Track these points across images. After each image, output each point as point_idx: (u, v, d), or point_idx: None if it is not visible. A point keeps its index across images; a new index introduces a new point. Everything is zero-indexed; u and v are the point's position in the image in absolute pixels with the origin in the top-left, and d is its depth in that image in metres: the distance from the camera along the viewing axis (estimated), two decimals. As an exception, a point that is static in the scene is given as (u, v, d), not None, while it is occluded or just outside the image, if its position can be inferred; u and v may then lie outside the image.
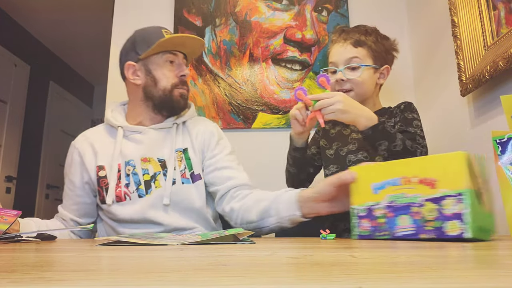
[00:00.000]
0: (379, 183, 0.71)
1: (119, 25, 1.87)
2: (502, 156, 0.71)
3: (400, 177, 0.69)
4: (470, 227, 0.59)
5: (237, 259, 0.40)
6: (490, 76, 1.08)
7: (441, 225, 0.62)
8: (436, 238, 0.62)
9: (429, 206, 0.64)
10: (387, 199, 0.70)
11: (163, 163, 1.05)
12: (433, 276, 0.28)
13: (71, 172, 1.10)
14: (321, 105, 0.95)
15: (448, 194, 0.62)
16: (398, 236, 0.67)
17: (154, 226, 1.02)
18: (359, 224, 0.74)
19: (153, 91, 1.07)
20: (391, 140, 0.96)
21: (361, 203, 0.74)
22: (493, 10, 1.12)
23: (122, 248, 0.55)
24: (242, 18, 1.79)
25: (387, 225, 0.69)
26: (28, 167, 3.57)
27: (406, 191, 0.68)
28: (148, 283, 0.26)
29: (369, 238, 0.72)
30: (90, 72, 4.48)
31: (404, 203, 0.67)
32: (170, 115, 1.11)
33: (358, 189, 0.76)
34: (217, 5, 1.81)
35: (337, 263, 0.35)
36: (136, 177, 1.03)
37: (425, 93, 1.63)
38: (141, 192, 1.02)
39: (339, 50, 1.14)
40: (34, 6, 3.26)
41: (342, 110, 0.94)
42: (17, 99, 3.44)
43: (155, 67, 1.07)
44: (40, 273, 0.30)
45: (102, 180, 1.04)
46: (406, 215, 0.67)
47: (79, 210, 1.08)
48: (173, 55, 1.08)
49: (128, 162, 1.04)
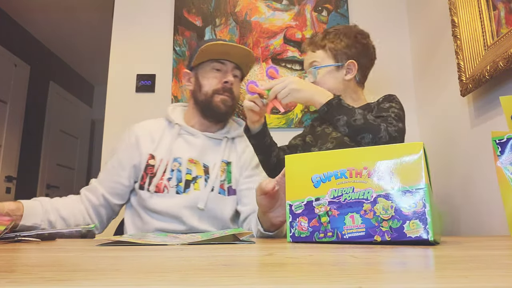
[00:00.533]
0: (321, 174, 0.61)
1: (119, 25, 1.87)
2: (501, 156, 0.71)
3: (346, 169, 0.59)
4: (430, 228, 0.52)
5: (237, 259, 0.40)
6: (490, 76, 1.08)
7: (398, 225, 0.54)
8: (393, 240, 0.54)
9: (384, 203, 0.55)
10: (331, 194, 0.60)
11: (206, 169, 1.12)
12: (433, 276, 0.28)
13: (122, 151, 1.13)
14: (275, 91, 0.97)
15: (406, 189, 0.55)
16: (345, 239, 0.57)
17: (181, 224, 1.06)
18: (296, 224, 0.62)
19: (198, 96, 1.14)
20: (350, 115, 0.96)
21: (298, 198, 0.63)
22: (493, 10, 1.12)
23: (122, 248, 0.55)
24: (242, 18, 1.79)
25: (331, 225, 0.59)
26: (28, 167, 3.57)
27: (355, 185, 0.58)
28: (148, 283, 0.26)
29: (307, 241, 0.61)
30: (90, 72, 4.48)
31: (353, 199, 0.58)
32: (216, 121, 1.17)
33: (295, 182, 0.64)
34: (217, 5, 1.81)
35: (337, 263, 0.35)
36: (180, 174, 1.09)
37: (425, 93, 1.63)
38: (179, 189, 1.08)
39: (305, 58, 1.23)
40: (34, 6, 3.26)
41: (295, 89, 0.97)
42: (17, 99, 3.44)
43: (203, 74, 1.15)
44: (40, 273, 0.30)
45: (149, 167, 1.10)
46: (355, 213, 0.57)
47: (114, 189, 1.11)
48: (220, 63, 1.14)
49: (176, 159, 1.10)
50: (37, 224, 0.99)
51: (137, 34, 1.85)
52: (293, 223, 0.63)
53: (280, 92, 0.97)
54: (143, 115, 1.78)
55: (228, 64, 1.14)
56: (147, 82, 1.79)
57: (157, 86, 1.79)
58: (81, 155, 4.44)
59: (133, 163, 1.11)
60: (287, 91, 0.96)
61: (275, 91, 0.97)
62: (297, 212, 0.63)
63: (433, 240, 0.52)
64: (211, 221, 1.08)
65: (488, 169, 1.12)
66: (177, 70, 1.76)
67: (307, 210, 0.62)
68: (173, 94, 1.75)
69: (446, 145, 1.42)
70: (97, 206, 1.10)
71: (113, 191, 1.11)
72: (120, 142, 1.16)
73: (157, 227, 1.07)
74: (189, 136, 1.14)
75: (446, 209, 1.36)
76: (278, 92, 0.97)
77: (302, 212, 0.62)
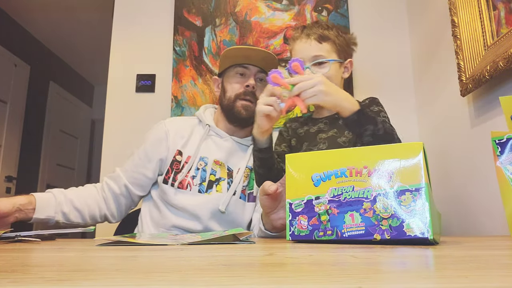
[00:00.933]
0: (321, 173, 0.62)
1: (119, 25, 1.87)
2: (501, 156, 0.71)
3: (346, 168, 0.60)
4: (430, 227, 0.52)
5: (237, 259, 0.40)
6: (490, 76, 1.08)
7: (398, 224, 0.54)
8: (392, 239, 0.54)
9: (384, 202, 0.56)
10: (331, 193, 0.60)
11: (230, 172, 1.12)
12: (433, 276, 0.28)
13: (151, 143, 1.14)
14: (301, 88, 0.84)
15: (406, 188, 0.55)
16: (345, 237, 0.58)
17: (198, 224, 1.07)
18: (295, 222, 0.62)
19: (223, 101, 1.16)
20: (375, 124, 0.89)
21: (298, 197, 0.63)
22: (493, 10, 1.12)
23: (122, 248, 0.55)
24: (242, 18, 1.79)
25: (331, 224, 0.59)
26: (28, 167, 3.57)
27: (354, 184, 0.58)
28: (148, 283, 0.26)
29: (306, 239, 0.61)
30: (90, 72, 4.48)
31: (353, 197, 0.58)
32: (240, 126, 1.16)
33: (296, 181, 0.64)
34: (217, 5, 1.81)
35: (337, 263, 0.35)
36: (204, 173, 1.10)
37: (425, 93, 1.63)
38: (201, 188, 1.09)
39: (304, 47, 1.07)
40: (34, 6, 3.26)
41: (324, 91, 0.84)
42: (17, 99, 3.44)
43: (227, 80, 1.16)
44: (40, 273, 0.30)
45: (176, 163, 1.11)
46: (355, 212, 0.57)
47: (137, 180, 1.12)
48: (243, 68, 1.14)
49: (202, 158, 1.12)
50: (50, 216, 1.00)
51: (137, 34, 1.85)
52: (292, 222, 0.63)
53: (306, 91, 0.84)
54: (143, 115, 1.79)
55: (251, 68, 1.14)
56: (147, 82, 1.79)
57: (157, 86, 1.79)
58: (81, 155, 4.44)
59: (160, 157, 1.12)
60: (315, 92, 0.84)
61: (301, 87, 0.84)
62: (297, 211, 0.63)
63: (432, 239, 0.52)
64: (229, 225, 1.09)
65: (488, 169, 1.12)
66: (177, 70, 1.76)
67: (307, 208, 0.62)
68: (173, 94, 1.75)
69: (446, 145, 1.42)
70: (118, 195, 1.12)
71: (136, 181, 1.12)
72: (149, 134, 1.17)
73: (174, 223, 1.07)
74: (217, 137, 1.15)
75: (446, 209, 1.36)
76: (305, 90, 0.84)
77: (302, 210, 0.62)
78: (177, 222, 1.07)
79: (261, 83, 1.15)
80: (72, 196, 1.06)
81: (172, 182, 1.09)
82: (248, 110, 1.12)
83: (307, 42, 1.07)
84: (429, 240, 0.52)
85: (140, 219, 1.15)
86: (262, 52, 1.12)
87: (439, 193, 1.41)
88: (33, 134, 3.70)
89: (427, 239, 0.52)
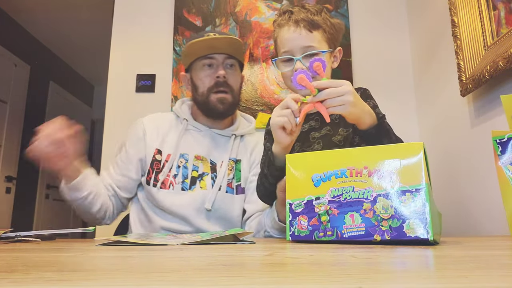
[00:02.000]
0: (321, 174, 0.61)
1: (119, 25, 1.87)
2: (502, 156, 0.71)
3: (347, 168, 0.60)
4: (430, 228, 0.52)
5: (237, 259, 0.40)
6: (490, 76, 1.08)
7: (398, 225, 0.54)
8: (392, 240, 0.54)
9: (384, 202, 0.56)
10: (331, 193, 0.60)
11: (214, 166, 1.09)
12: (433, 276, 0.28)
13: (129, 143, 1.12)
14: (329, 94, 0.74)
15: (406, 189, 0.55)
16: (345, 238, 0.58)
17: (187, 226, 1.05)
18: (295, 222, 0.62)
19: (196, 97, 1.11)
20: (389, 137, 0.84)
21: (298, 197, 0.63)
22: (493, 10, 1.12)
23: (122, 248, 0.55)
24: (242, 18, 1.79)
25: (331, 224, 0.59)
26: (28, 167, 3.57)
27: (355, 184, 0.58)
28: (148, 283, 0.26)
29: (306, 239, 0.61)
30: (90, 72, 4.48)
31: (353, 198, 0.58)
32: (219, 119, 1.13)
33: (296, 181, 0.64)
34: (217, 5, 1.81)
35: (337, 263, 0.35)
36: (186, 170, 1.07)
37: (425, 93, 1.63)
38: (185, 186, 1.06)
39: (293, 36, 0.95)
40: (34, 6, 3.26)
41: (352, 102, 0.74)
42: (17, 99, 3.44)
43: (196, 75, 1.10)
44: (40, 273, 0.30)
45: (156, 162, 1.08)
46: (355, 213, 0.57)
47: (122, 182, 1.10)
48: (209, 59, 1.08)
49: (182, 155, 1.08)
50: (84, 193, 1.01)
51: (137, 34, 1.85)
52: (293, 222, 0.63)
53: (334, 99, 0.74)
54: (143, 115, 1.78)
55: (218, 58, 1.08)
56: (147, 82, 1.79)
57: (157, 86, 1.79)
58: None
59: (139, 156, 1.09)
60: (343, 101, 0.74)
61: (329, 94, 0.74)
62: (297, 211, 0.62)
63: (432, 239, 0.52)
64: (219, 222, 1.06)
65: (488, 169, 1.12)
66: (177, 70, 1.76)
67: (307, 209, 0.62)
68: (173, 94, 1.75)
69: (446, 145, 1.42)
70: (109, 195, 1.10)
71: (122, 184, 1.10)
72: (128, 134, 1.15)
73: (162, 225, 1.05)
74: (196, 132, 1.12)
75: (446, 209, 1.36)
76: (332, 98, 0.74)
77: (302, 211, 0.62)
78: (165, 224, 1.05)
79: (232, 69, 1.10)
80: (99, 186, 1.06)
81: (154, 182, 1.06)
82: (225, 103, 1.07)
83: (296, 31, 0.95)
84: (429, 241, 0.52)
85: (129, 224, 1.13)
86: (226, 39, 1.07)
87: (439, 193, 1.41)
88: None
89: (427, 240, 0.52)
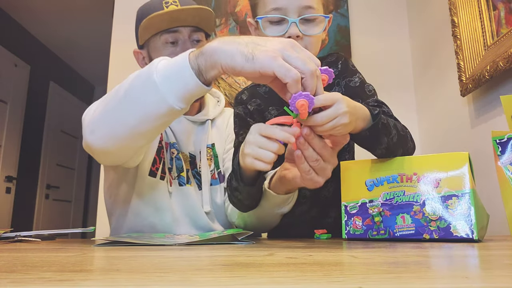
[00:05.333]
0: (374, 179, 0.68)
1: (119, 25, 1.87)
2: (502, 156, 0.71)
3: (398, 174, 0.66)
4: (475, 228, 0.59)
5: (236, 259, 0.40)
6: (490, 76, 1.08)
7: (445, 225, 0.61)
8: (440, 238, 0.61)
9: (432, 205, 0.62)
10: (383, 197, 0.66)
11: (193, 160, 0.95)
12: (433, 276, 0.28)
13: None
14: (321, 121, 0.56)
15: (452, 193, 0.61)
16: (397, 236, 0.64)
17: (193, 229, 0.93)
18: (351, 222, 0.69)
19: None
20: (388, 132, 0.70)
21: (353, 200, 0.69)
22: (493, 10, 1.12)
23: (122, 248, 0.55)
24: (242, 18, 1.79)
25: (384, 224, 0.66)
26: (28, 167, 3.57)
27: (405, 189, 0.65)
28: (148, 283, 0.26)
29: (361, 237, 0.67)
30: (90, 72, 4.48)
31: (404, 201, 0.65)
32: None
33: (351, 185, 0.70)
34: (217, 5, 1.81)
35: (337, 263, 0.35)
36: (180, 162, 0.92)
37: (425, 93, 1.63)
38: (181, 180, 0.92)
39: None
40: (34, 6, 3.26)
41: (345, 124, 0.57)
42: (17, 99, 3.44)
43: (155, 52, 0.91)
44: (40, 273, 0.30)
45: (162, 150, 0.91)
46: (406, 214, 0.64)
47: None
48: (173, 33, 0.90)
49: (173, 145, 0.93)
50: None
51: (137, 34, 1.85)
52: (348, 222, 0.69)
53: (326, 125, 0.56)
54: (143, 115, 1.78)
55: (183, 31, 0.90)
56: (147, 82, 1.78)
57: (157, 86, 1.79)
58: (81, 155, 4.43)
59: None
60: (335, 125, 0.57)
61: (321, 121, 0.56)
62: (352, 212, 0.69)
63: (477, 238, 0.58)
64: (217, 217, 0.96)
65: (488, 169, 1.12)
66: (177, 70, 1.76)
67: (361, 210, 0.68)
68: (173, 94, 1.75)
69: (446, 145, 1.42)
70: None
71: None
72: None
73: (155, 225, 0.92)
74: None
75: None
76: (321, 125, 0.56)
77: (356, 212, 0.68)
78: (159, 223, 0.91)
79: (200, 45, 0.87)
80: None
81: (162, 174, 0.87)
82: None
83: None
84: (474, 240, 0.58)
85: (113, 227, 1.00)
86: (193, 9, 0.88)
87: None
88: (33, 134, 3.70)
89: (472, 240, 0.58)
